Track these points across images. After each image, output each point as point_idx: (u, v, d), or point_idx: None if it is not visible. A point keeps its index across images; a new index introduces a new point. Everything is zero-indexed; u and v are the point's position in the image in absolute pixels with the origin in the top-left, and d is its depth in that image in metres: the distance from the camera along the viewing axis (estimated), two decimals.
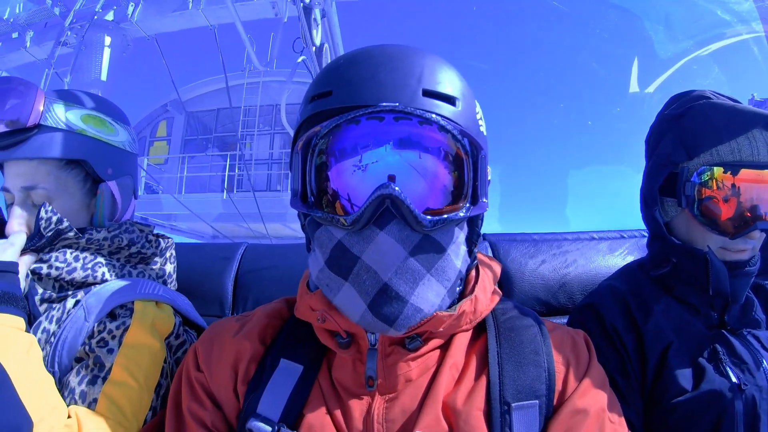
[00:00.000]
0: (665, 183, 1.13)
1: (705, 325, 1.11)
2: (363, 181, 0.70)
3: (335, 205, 0.73)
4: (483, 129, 0.82)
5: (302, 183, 0.75)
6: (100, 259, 1.06)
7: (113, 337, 0.93)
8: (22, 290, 0.95)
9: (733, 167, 1.03)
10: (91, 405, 0.87)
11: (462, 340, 0.82)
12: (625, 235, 1.62)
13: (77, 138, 1.04)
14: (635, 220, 1.30)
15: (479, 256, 0.91)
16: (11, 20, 10.43)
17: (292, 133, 0.87)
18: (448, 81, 0.75)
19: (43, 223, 0.99)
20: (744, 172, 1.02)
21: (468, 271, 0.85)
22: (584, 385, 0.78)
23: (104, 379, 0.89)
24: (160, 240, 1.22)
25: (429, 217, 0.70)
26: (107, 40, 9.99)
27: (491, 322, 0.85)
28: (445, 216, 0.71)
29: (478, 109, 0.81)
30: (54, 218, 1.00)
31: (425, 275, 0.72)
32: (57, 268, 1.00)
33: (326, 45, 4.97)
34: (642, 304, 1.14)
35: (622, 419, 0.80)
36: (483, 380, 0.77)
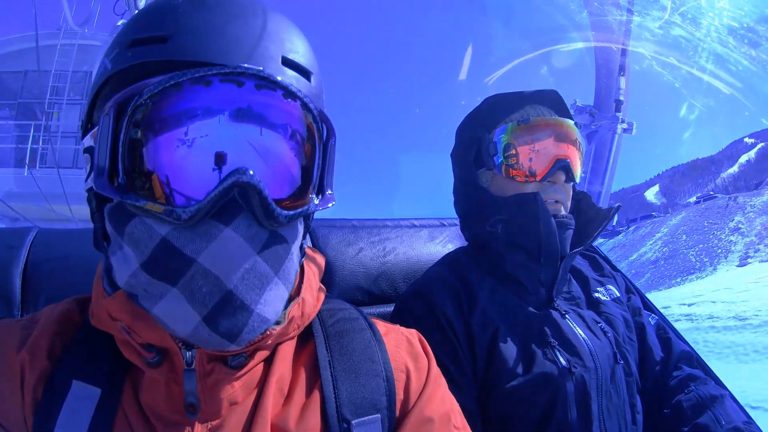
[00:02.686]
0: (474, 160, 1.25)
1: (534, 305, 1.17)
2: (191, 161, 0.56)
3: (150, 189, 0.57)
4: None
5: (111, 158, 0.57)
6: None
7: None
8: None
9: (524, 120, 1.18)
10: None
11: (287, 350, 0.72)
12: (445, 223, 1.66)
13: None
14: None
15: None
16: None
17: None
18: (304, 50, 0.66)
19: None
20: (534, 120, 1.18)
21: (299, 266, 0.74)
22: (427, 392, 0.74)
23: None
24: None
25: (286, 211, 0.60)
26: None
27: (318, 326, 0.76)
28: (300, 210, 0.62)
29: (323, 92, 0.72)
30: None
31: (273, 278, 0.61)
32: None
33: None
34: (468, 291, 1.17)
35: (465, 422, 0.78)
36: (316, 395, 0.68)
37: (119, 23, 5.15)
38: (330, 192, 0.67)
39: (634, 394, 1.17)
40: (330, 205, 0.67)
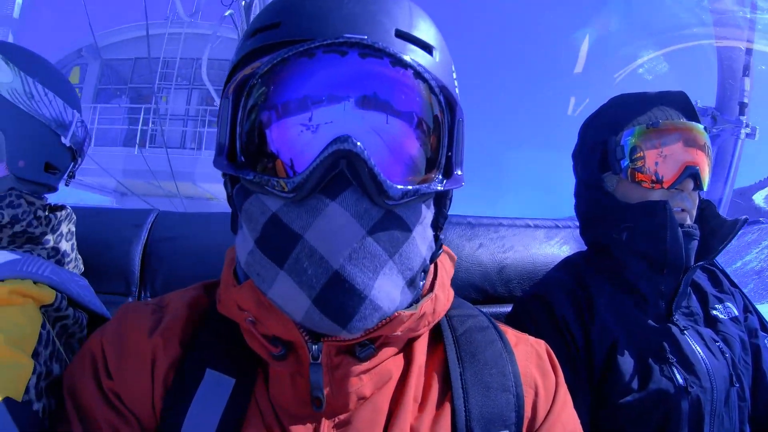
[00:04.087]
0: (599, 164, 1.22)
1: (653, 318, 1.13)
2: (311, 145, 0.55)
3: (272, 169, 0.57)
4: (457, 92, 0.67)
5: (230, 137, 0.59)
6: None
7: None
8: None
9: (654, 123, 1.14)
10: None
11: (419, 350, 0.68)
12: (559, 225, 1.61)
13: None
14: (562, 206, 1.37)
15: None
16: None
17: (212, 89, 0.70)
18: (425, 27, 0.62)
19: None
20: (664, 124, 1.13)
21: (432, 260, 0.70)
22: (555, 411, 0.70)
23: None
24: (52, 216, 1.01)
25: (398, 186, 0.55)
26: None
27: (447, 330, 0.72)
28: (417, 186, 0.57)
29: (453, 68, 0.68)
30: None
31: (387, 262, 0.57)
32: None
33: (256, 1, 4.72)
34: (588, 298, 1.14)
35: None
36: (447, 407, 0.65)
37: (227, 13, 5.36)
38: (459, 173, 0.63)
39: (745, 421, 1.12)
40: (460, 185, 0.63)
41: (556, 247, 1.52)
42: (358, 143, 0.52)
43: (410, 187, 0.56)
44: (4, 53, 0.93)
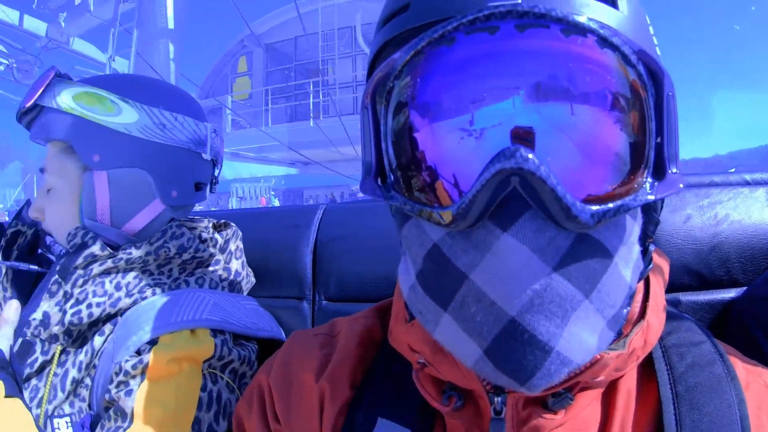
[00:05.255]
0: None
1: None
2: (476, 156, 0.42)
3: (432, 189, 0.45)
4: (659, 53, 0.52)
5: (377, 153, 0.48)
6: (146, 279, 0.90)
7: (133, 377, 0.78)
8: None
9: None
10: None
11: (625, 388, 0.53)
12: None
13: (65, 117, 0.90)
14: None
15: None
16: None
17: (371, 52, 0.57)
18: None
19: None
20: None
21: (639, 279, 0.54)
22: None
23: (126, 429, 0.75)
24: (217, 236, 1.02)
25: (591, 207, 0.41)
26: None
27: (663, 366, 0.55)
28: (619, 203, 0.42)
29: (648, 19, 0.51)
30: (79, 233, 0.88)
31: (581, 302, 0.43)
32: (98, 305, 0.84)
33: None
34: None
35: None
36: None
37: None
38: (674, 171, 0.44)
39: None
40: (676, 190, 0.45)
41: None
42: (530, 156, 0.39)
43: (606, 207, 0.41)
44: (117, 91, 0.92)
